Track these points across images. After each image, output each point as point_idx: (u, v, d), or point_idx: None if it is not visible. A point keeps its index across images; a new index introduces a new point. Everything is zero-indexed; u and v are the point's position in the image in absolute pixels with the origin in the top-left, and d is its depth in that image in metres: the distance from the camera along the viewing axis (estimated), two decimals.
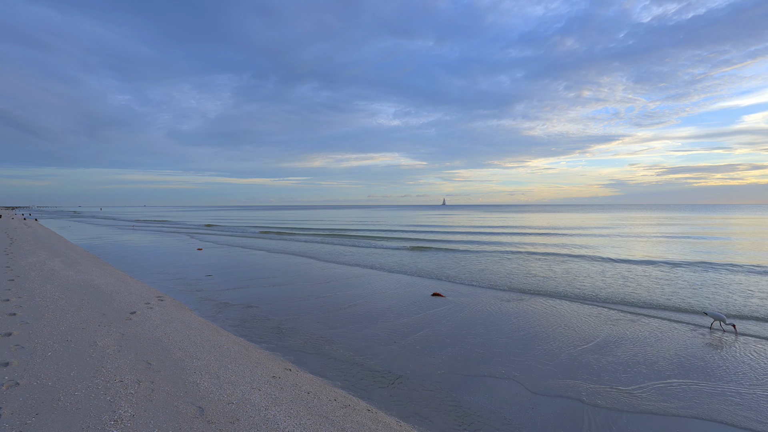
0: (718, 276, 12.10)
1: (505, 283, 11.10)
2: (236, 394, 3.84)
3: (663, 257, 16.14)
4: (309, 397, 4.08)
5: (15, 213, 75.27)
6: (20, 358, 4.26)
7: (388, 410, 4.17)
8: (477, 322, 7.32)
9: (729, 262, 14.81)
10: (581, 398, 4.47)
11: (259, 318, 7.55)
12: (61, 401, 3.37)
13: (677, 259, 15.67)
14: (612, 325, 7.16)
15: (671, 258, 15.90)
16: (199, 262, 14.91)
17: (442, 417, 4.09)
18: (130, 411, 3.29)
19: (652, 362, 5.49)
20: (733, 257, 16.12)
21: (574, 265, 14.38)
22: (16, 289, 7.56)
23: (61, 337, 4.98)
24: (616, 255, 16.86)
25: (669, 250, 18.59)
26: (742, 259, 15.60)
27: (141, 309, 6.90)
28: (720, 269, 13.30)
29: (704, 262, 14.65)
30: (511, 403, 4.37)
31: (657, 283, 11.03)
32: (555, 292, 9.83)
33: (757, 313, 8.02)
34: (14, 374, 3.84)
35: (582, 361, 5.51)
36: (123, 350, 4.74)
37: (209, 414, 3.39)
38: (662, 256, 16.62)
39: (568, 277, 11.83)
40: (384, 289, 10.23)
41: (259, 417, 3.44)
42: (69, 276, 9.54)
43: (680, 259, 15.66)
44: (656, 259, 15.46)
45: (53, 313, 6.10)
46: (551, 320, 7.45)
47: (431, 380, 4.91)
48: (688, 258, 15.88)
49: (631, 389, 4.67)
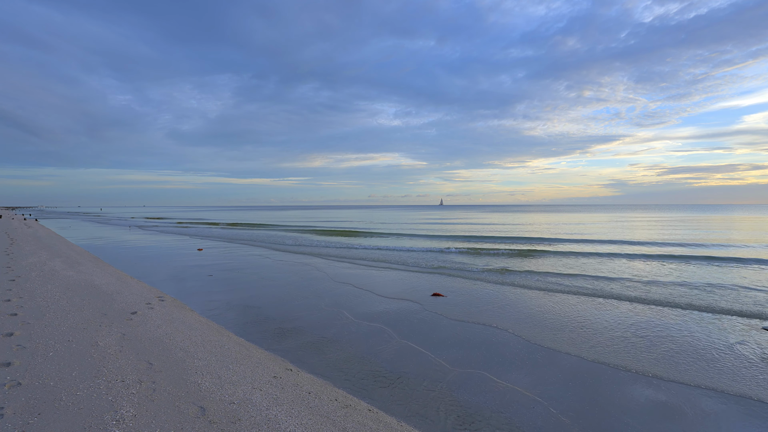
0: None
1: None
2: (237, 394, 3.85)
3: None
4: (310, 397, 4.09)
5: (15, 213, 75.23)
6: (22, 358, 4.27)
7: (389, 410, 4.18)
8: (478, 322, 7.32)
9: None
10: (589, 397, 4.48)
11: (260, 318, 7.55)
12: (63, 401, 3.38)
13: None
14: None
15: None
16: (199, 262, 14.92)
17: (443, 416, 4.09)
18: (131, 411, 3.30)
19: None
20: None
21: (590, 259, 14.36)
22: (17, 290, 7.58)
23: (62, 337, 5.00)
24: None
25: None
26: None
27: (142, 309, 6.91)
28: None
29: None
30: (512, 402, 4.38)
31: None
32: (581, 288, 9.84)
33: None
34: (16, 374, 3.85)
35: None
36: (124, 350, 4.75)
37: (211, 414, 3.40)
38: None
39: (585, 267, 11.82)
40: (384, 289, 10.23)
41: (261, 417, 3.45)
42: (70, 276, 9.55)
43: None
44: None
45: (54, 313, 6.12)
46: (566, 312, 7.47)
47: (432, 380, 4.92)
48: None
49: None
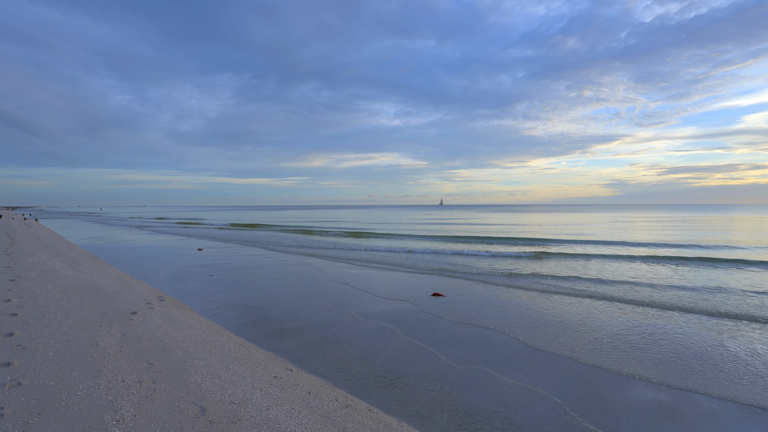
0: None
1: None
2: (238, 394, 3.85)
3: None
4: (310, 397, 4.09)
5: (15, 213, 75.23)
6: (22, 358, 4.27)
7: (389, 410, 4.18)
8: (478, 322, 7.32)
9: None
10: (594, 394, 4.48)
11: (260, 318, 7.55)
12: (63, 401, 3.38)
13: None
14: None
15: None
16: (199, 262, 14.92)
17: (443, 416, 4.09)
18: (132, 411, 3.30)
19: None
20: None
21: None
22: (17, 290, 7.58)
23: (62, 338, 5.00)
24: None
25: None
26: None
27: (142, 309, 6.90)
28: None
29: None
30: (512, 402, 4.38)
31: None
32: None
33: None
34: (16, 374, 3.85)
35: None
36: (124, 350, 4.75)
37: (211, 414, 3.40)
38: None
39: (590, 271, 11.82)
40: (385, 289, 10.23)
41: (261, 417, 3.45)
42: (70, 276, 9.55)
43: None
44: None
45: (54, 313, 6.12)
46: (560, 314, 7.46)
47: (432, 379, 4.92)
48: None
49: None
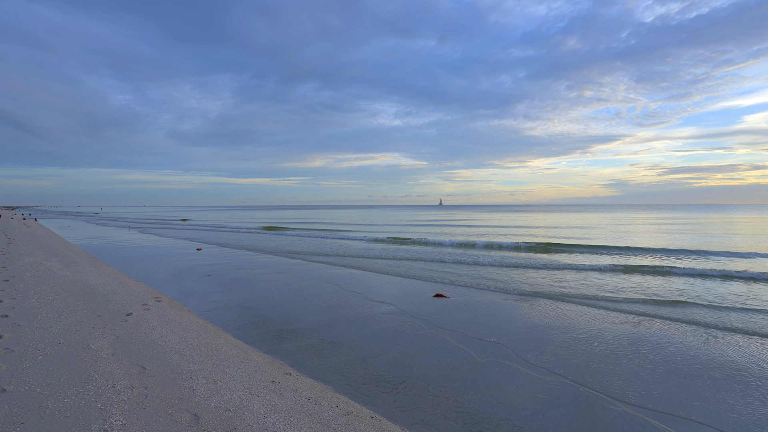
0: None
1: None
2: (234, 401, 3.67)
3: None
4: (310, 403, 3.91)
5: (15, 213, 75.06)
6: (9, 362, 4.09)
7: (392, 417, 4.00)
8: (482, 324, 7.14)
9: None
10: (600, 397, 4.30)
11: (259, 319, 7.37)
12: (48, 409, 3.20)
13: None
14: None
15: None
16: (198, 262, 14.74)
17: (448, 424, 3.91)
18: (121, 419, 3.12)
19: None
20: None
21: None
22: (10, 290, 7.40)
23: (53, 340, 4.82)
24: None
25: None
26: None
27: (138, 310, 6.73)
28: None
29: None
30: (521, 409, 4.20)
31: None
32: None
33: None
34: (1, 380, 3.67)
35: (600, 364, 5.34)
36: (117, 354, 4.57)
37: (205, 422, 3.22)
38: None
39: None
40: (385, 290, 10.05)
41: (257, 425, 3.27)
42: (65, 276, 9.37)
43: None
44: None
45: (47, 314, 5.94)
46: (560, 319, 7.28)
47: (436, 384, 4.74)
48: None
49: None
